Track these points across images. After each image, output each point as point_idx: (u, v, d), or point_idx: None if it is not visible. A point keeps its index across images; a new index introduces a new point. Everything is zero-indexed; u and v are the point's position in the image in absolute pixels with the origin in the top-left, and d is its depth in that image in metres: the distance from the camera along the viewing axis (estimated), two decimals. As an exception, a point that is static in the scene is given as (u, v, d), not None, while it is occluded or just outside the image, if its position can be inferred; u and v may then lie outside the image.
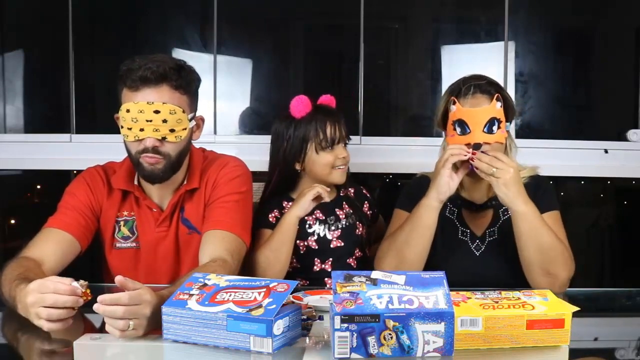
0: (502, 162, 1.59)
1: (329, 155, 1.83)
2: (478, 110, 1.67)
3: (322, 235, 1.86)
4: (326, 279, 1.83)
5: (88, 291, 1.24)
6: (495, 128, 1.66)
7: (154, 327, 1.20)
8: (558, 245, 1.61)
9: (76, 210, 1.67)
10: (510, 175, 1.58)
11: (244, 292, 1.18)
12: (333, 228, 1.87)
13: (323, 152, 1.83)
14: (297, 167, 1.85)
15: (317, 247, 1.85)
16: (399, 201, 1.85)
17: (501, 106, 1.68)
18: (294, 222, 1.75)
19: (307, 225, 1.86)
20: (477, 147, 1.65)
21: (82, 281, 1.25)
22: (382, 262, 1.71)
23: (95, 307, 1.16)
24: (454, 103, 1.69)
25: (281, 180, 1.89)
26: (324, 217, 1.87)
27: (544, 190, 1.76)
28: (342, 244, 1.86)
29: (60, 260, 1.57)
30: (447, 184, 1.64)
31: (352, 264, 1.87)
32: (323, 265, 1.85)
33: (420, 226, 1.67)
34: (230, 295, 1.17)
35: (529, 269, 1.63)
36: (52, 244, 1.59)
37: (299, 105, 1.82)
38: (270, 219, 1.84)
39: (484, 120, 1.66)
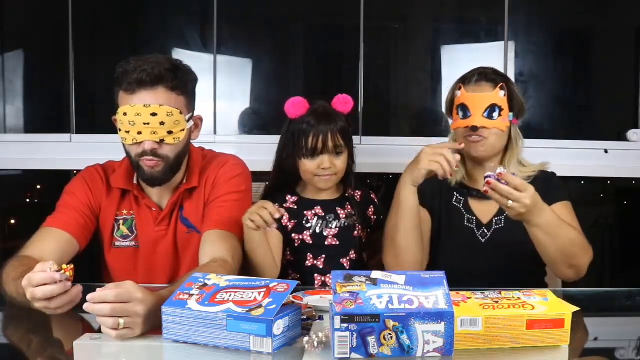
0: (517, 194, 1.47)
1: (311, 163, 1.81)
2: (480, 95, 1.72)
3: (318, 231, 1.86)
4: (316, 275, 1.84)
5: (68, 272, 1.23)
6: (495, 114, 1.71)
7: (153, 327, 1.20)
8: (577, 239, 1.60)
9: (75, 209, 1.67)
10: (524, 210, 1.50)
11: (244, 292, 1.17)
12: (331, 226, 1.87)
13: (305, 159, 1.81)
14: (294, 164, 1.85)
15: (311, 242, 1.85)
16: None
17: (505, 95, 1.72)
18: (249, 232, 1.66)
19: (304, 220, 1.86)
20: (474, 129, 1.71)
21: (54, 266, 1.23)
22: (384, 253, 1.76)
23: (85, 306, 1.16)
24: (460, 89, 1.76)
25: (280, 176, 1.89)
26: (323, 214, 1.87)
27: (553, 183, 1.79)
28: (337, 242, 1.86)
29: (59, 259, 1.57)
30: (423, 177, 1.65)
31: (346, 264, 1.86)
32: (315, 261, 1.85)
33: (402, 209, 1.69)
34: (230, 295, 1.17)
35: (553, 266, 1.65)
36: (51, 243, 1.59)
37: (291, 108, 1.82)
38: None
39: (484, 105, 1.71)
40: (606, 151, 2.52)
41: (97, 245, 1.77)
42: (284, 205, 1.86)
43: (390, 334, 1.06)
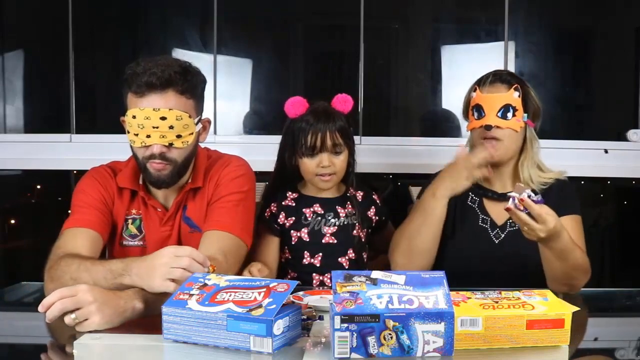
0: (534, 225, 1.48)
1: (311, 162, 1.81)
2: (494, 96, 1.76)
3: (316, 228, 1.85)
4: (314, 274, 1.83)
5: (211, 269, 1.35)
6: (509, 115, 1.73)
7: (115, 317, 1.24)
8: (583, 263, 1.62)
9: (92, 206, 1.65)
10: (536, 239, 1.53)
11: (244, 292, 1.17)
12: (329, 224, 1.86)
13: (305, 158, 1.82)
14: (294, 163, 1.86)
15: (308, 240, 1.85)
16: (419, 193, 1.88)
17: (519, 96, 1.75)
18: None
19: (303, 217, 1.86)
20: (488, 128, 1.73)
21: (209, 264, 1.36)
22: (394, 251, 1.77)
23: (47, 320, 1.21)
24: (475, 90, 1.79)
25: (280, 175, 1.89)
26: (322, 212, 1.87)
27: (567, 194, 1.79)
28: (335, 241, 1.85)
29: (93, 256, 1.56)
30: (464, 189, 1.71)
31: (345, 264, 1.85)
32: (312, 260, 1.84)
33: (430, 217, 1.72)
34: (230, 295, 1.17)
35: (551, 281, 1.64)
36: (81, 240, 1.56)
37: (290, 107, 1.83)
38: (266, 214, 1.85)
39: (498, 105, 1.74)
40: (606, 151, 2.52)
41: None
42: (283, 202, 1.86)
43: (390, 334, 1.06)
